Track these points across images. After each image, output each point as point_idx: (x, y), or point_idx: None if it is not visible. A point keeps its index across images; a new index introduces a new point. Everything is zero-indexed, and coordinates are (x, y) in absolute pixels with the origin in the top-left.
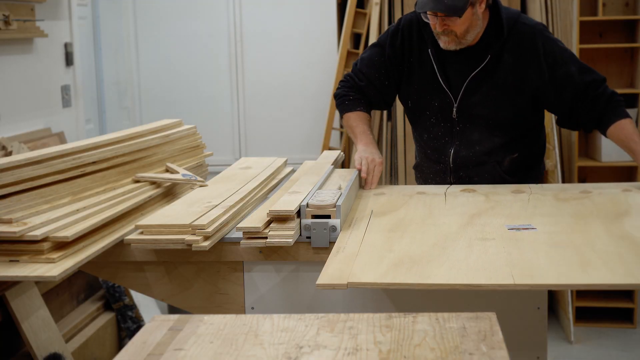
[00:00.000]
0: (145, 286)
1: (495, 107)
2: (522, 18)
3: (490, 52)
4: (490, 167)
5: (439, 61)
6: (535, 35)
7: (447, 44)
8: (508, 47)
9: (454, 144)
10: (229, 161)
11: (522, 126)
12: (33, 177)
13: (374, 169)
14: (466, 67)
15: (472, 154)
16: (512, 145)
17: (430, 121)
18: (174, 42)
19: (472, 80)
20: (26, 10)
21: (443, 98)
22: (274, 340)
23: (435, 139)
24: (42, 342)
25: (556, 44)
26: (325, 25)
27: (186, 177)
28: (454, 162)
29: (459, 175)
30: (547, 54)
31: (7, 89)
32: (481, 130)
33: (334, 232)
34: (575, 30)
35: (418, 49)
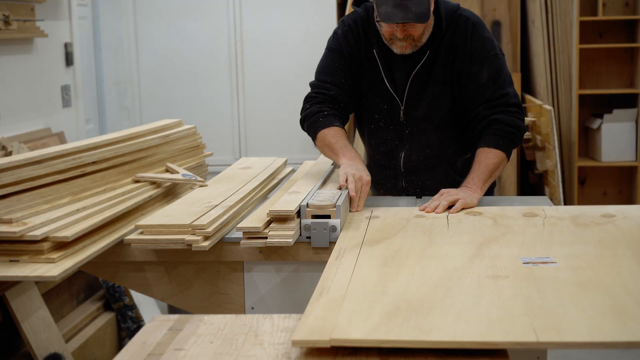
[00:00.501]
0: (145, 286)
1: (438, 104)
2: (461, 10)
3: (429, 48)
4: (443, 170)
5: (385, 62)
6: (467, 27)
7: (404, 49)
8: (444, 41)
9: (404, 147)
10: (229, 161)
11: (466, 124)
12: (33, 177)
13: (362, 188)
14: (408, 66)
15: (423, 157)
16: (462, 146)
17: (379, 125)
18: (174, 42)
19: (415, 79)
20: (26, 10)
21: (390, 100)
22: (274, 340)
23: (385, 143)
24: (42, 342)
25: (484, 43)
26: (325, 25)
27: (186, 177)
28: (405, 167)
29: (410, 179)
30: (471, 48)
31: (7, 89)
32: (429, 131)
33: (334, 232)
34: (575, 30)
35: (365, 49)
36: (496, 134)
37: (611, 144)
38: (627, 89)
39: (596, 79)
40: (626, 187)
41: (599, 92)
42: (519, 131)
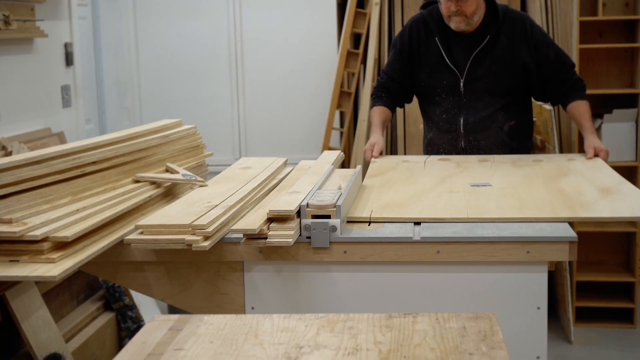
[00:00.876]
0: (145, 286)
1: (495, 78)
2: (511, 8)
3: (489, 34)
4: (494, 132)
5: (445, 46)
6: (525, 21)
7: (459, 24)
8: (503, 30)
9: (463, 113)
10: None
11: (515, 93)
12: (33, 177)
13: (373, 148)
14: (469, 48)
15: (479, 120)
16: (509, 112)
17: (442, 97)
18: (174, 42)
19: (475, 58)
20: (26, 10)
21: (450, 76)
22: (274, 340)
23: (447, 111)
24: (42, 342)
25: (540, 30)
26: (325, 25)
27: (186, 177)
28: (464, 129)
29: (468, 140)
30: (533, 37)
31: (7, 89)
32: (484, 99)
33: (334, 232)
34: (575, 30)
35: (426, 41)
36: (582, 89)
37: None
38: (627, 89)
39: (596, 79)
40: None
41: (599, 92)
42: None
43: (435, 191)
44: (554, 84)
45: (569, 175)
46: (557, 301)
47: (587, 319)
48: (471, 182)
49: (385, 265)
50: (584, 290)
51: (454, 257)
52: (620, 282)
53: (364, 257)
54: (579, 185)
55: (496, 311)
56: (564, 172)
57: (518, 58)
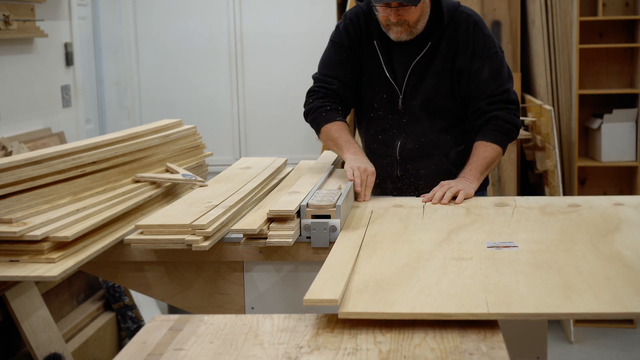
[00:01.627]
0: (145, 286)
1: (436, 94)
2: (462, 8)
3: (430, 40)
4: (437, 160)
5: (385, 53)
6: (469, 24)
7: (399, 35)
8: (446, 35)
9: (401, 136)
10: (229, 161)
11: (461, 112)
12: (33, 177)
13: (367, 180)
14: (409, 57)
15: (419, 146)
16: (456, 135)
17: (378, 114)
18: (174, 42)
19: (414, 70)
20: (26, 10)
21: (389, 90)
22: (274, 340)
23: (383, 131)
24: (42, 342)
25: (485, 40)
26: (325, 25)
27: (186, 177)
28: (400, 155)
29: (405, 168)
30: (473, 45)
31: (7, 89)
32: (425, 121)
33: (334, 232)
34: (575, 30)
35: (366, 42)
36: (495, 130)
37: (611, 144)
38: (627, 89)
39: (596, 79)
40: (626, 187)
41: (599, 92)
42: (516, 128)
43: (437, 258)
44: (471, 110)
45: (621, 229)
46: None
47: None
48: (488, 242)
49: None
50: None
51: None
52: None
53: None
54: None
55: None
56: (614, 224)
57: (454, 68)
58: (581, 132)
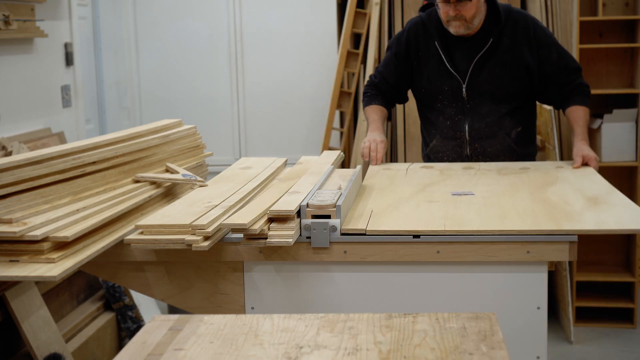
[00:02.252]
0: (145, 286)
1: (499, 81)
2: (514, 8)
3: (492, 36)
4: (501, 139)
5: (445, 51)
6: (527, 21)
7: (458, 29)
8: (506, 32)
9: (467, 119)
10: (229, 161)
11: (520, 97)
12: (33, 177)
13: (377, 147)
14: (470, 52)
15: (485, 126)
16: (515, 118)
17: (443, 103)
18: (174, 42)
19: (477, 62)
20: (26, 10)
21: (452, 82)
22: (274, 340)
23: (450, 118)
24: (42, 342)
25: (543, 30)
26: (325, 25)
27: (186, 177)
28: (469, 135)
29: (474, 147)
30: (536, 38)
31: (7, 89)
32: (488, 103)
33: (334, 232)
34: (575, 30)
35: (425, 45)
36: (583, 94)
37: (611, 144)
38: (627, 89)
39: (596, 79)
40: (626, 187)
41: (599, 92)
42: (590, 91)
43: (413, 200)
44: (554, 87)
45: (556, 183)
46: (557, 301)
47: (587, 319)
48: (453, 191)
49: (385, 265)
50: (584, 290)
51: (454, 257)
52: (620, 282)
53: (364, 257)
54: (566, 195)
55: (496, 311)
56: (552, 180)
57: (520, 60)
58: None
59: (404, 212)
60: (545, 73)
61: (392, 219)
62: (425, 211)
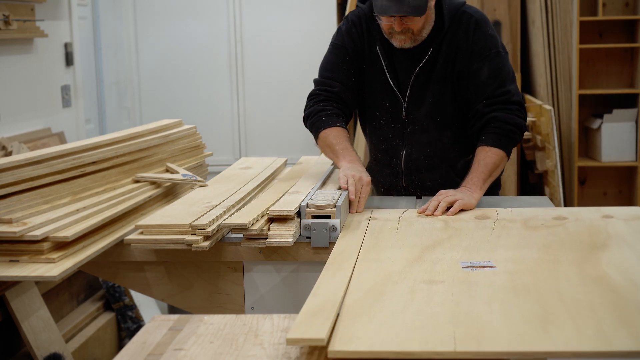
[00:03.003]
0: (145, 286)
1: (439, 102)
2: (466, 7)
3: (432, 45)
4: (443, 171)
5: (388, 59)
6: (470, 24)
7: (403, 43)
8: (447, 38)
9: (405, 146)
10: (229, 161)
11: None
12: (33, 177)
13: (361, 190)
14: (412, 63)
15: (424, 157)
16: (462, 146)
17: (380, 122)
18: (174, 42)
19: (417, 77)
20: (26, 10)
21: (392, 98)
22: (274, 340)
23: (386, 141)
24: (42, 342)
25: (486, 40)
26: (325, 25)
27: (186, 177)
28: (405, 166)
29: (411, 179)
30: (473, 45)
31: (7, 89)
32: (430, 130)
33: (334, 232)
34: (575, 30)
35: (368, 46)
36: (495, 132)
37: (611, 144)
38: (627, 89)
39: (596, 79)
40: (626, 187)
41: (599, 92)
42: (519, 129)
43: (407, 280)
44: (471, 112)
45: (609, 246)
46: None
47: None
48: (463, 262)
49: None
50: None
51: None
52: None
53: None
54: (630, 266)
55: None
56: (602, 240)
57: (454, 72)
58: (581, 132)
59: (389, 307)
60: (468, 92)
61: (371, 323)
62: (424, 305)
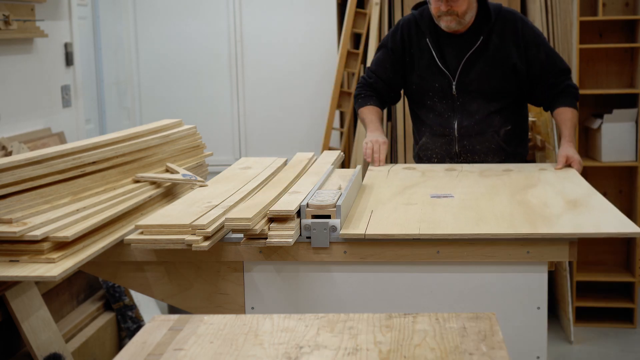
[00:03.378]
0: (145, 286)
1: (488, 79)
2: (505, 7)
3: (482, 34)
4: (490, 136)
5: (437, 48)
6: (516, 20)
7: (449, 23)
8: (495, 30)
9: (457, 116)
10: (229, 161)
11: (510, 96)
12: (33, 177)
13: (379, 148)
14: (460, 49)
15: (474, 123)
16: (504, 117)
17: (433, 100)
18: (174, 42)
19: (468, 60)
20: (26, 10)
21: (442, 79)
22: (274, 340)
23: (440, 115)
24: (42, 342)
25: (532, 30)
26: (325, 25)
27: (186, 177)
28: (458, 132)
29: (463, 144)
30: (524, 37)
31: (7, 89)
32: (478, 101)
33: (334, 232)
34: (575, 30)
35: (417, 42)
36: (571, 96)
37: (611, 144)
38: (627, 89)
39: (596, 79)
40: (626, 187)
41: (599, 92)
42: (579, 92)
43: (391, 203)
44: (542, 87)
45: (537, 185)
46: (557, 301)
47: (587, 319)
48: (432, 193)
49: (385, 265)
50: (584, 290)
51: (454, 257)
52: (620, 282)
53: (364, 257)
54: (546, 197)
55: (496, 311)
56: (533, 182)
57: (509, 59)
58: (581, 132)
59: (378, 214)
60: (533, 73)
61: (367, 222)
62: (402, 214)
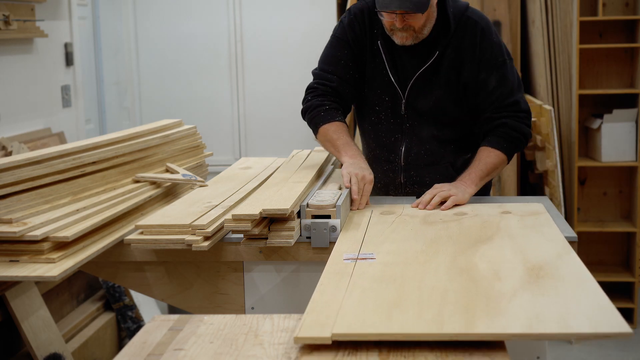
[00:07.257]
0: (145, 286)
1: (441, 103)
2: (470, 12)
3: (438, 48)
4: (442, 168)
5: (389, 54)
6: (476, 32)
7: (404, 40)
8: (452, 42)
9: (405, 141)
10: (229, 161)
11: (469, 124)
12: (33, 177)
13: (364, 188)
14: (415, 62)
15: (424, 152)
16: (462, 145)
17: (380, 117)
18: (174, 42)
19: (420, 76)
20: (26, 10)
21: (392, 93)
22: (274, 340)
23: (385, 135)
24: (42, 342)
25: (492, 49)
26: (325, 25)
27: (186, 177)
28: (405, 161)
29: (409, 175)
30: (481, 54)
31: (7, 89)
32: (430, 127)
33: (334, 232)
34: (575, 30)
35: (370, 40)
36: (502, 137)
37: (611, 144)
38: (627, 89)
39: (596, 79)
40: (626, 187)
41: (599, 92)
42: (525, 137)
43: None
44: (481, 117)
45: (493, 239)
46: None
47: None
48: (346, 254)
49: None
50: None
51: None
52: (620, 282)
53: None
54: (501, 259)
55: None
56: (489, 233)
57: (459, 78)
58: (581, 132)
59: None
60: (477, 100)
61: None
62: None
